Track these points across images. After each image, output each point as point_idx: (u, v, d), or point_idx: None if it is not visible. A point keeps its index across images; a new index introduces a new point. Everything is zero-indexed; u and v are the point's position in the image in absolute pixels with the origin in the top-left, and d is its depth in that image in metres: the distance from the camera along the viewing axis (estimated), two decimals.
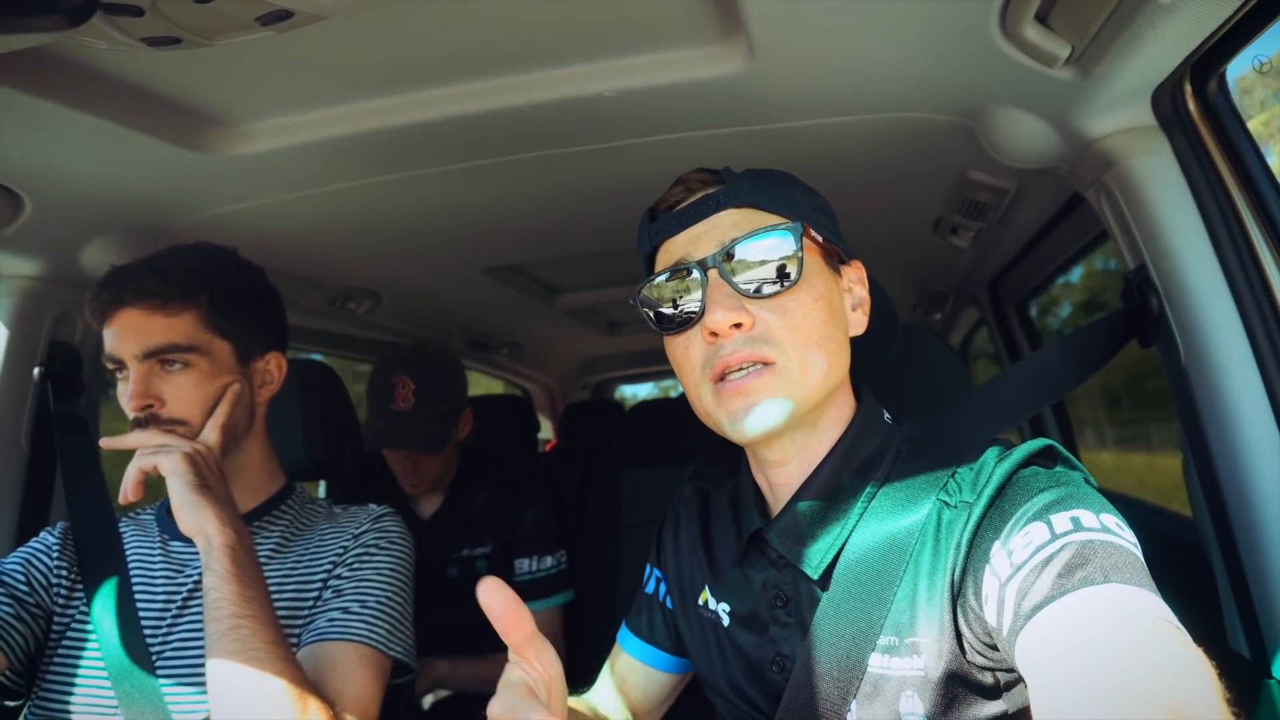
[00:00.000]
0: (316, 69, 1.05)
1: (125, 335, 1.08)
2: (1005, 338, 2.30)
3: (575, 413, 3.73)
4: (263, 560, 1.10)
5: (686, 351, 0.83)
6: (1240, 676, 0.99)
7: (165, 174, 1.24)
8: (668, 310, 0.84)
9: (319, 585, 1.12)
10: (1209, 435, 1.03)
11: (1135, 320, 1.12)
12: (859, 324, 0.90)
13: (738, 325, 0.79)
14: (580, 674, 1.07)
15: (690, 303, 0.82)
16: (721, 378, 0.80)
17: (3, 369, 1.39)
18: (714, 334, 0.79)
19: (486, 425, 2.59)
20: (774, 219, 0.83)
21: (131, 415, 1.07)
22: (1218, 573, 1.06)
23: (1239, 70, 0.96)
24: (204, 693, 0.99)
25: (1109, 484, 1.90)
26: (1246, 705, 0.96)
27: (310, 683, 0.96)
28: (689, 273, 0.82)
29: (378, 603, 1.09)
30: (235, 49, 0.86)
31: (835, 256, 0.89)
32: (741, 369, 0.79)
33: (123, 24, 0.77)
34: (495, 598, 0.64)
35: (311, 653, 1.04)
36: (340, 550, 1.15)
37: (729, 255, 0.80)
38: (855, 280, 0.91)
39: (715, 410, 0.81)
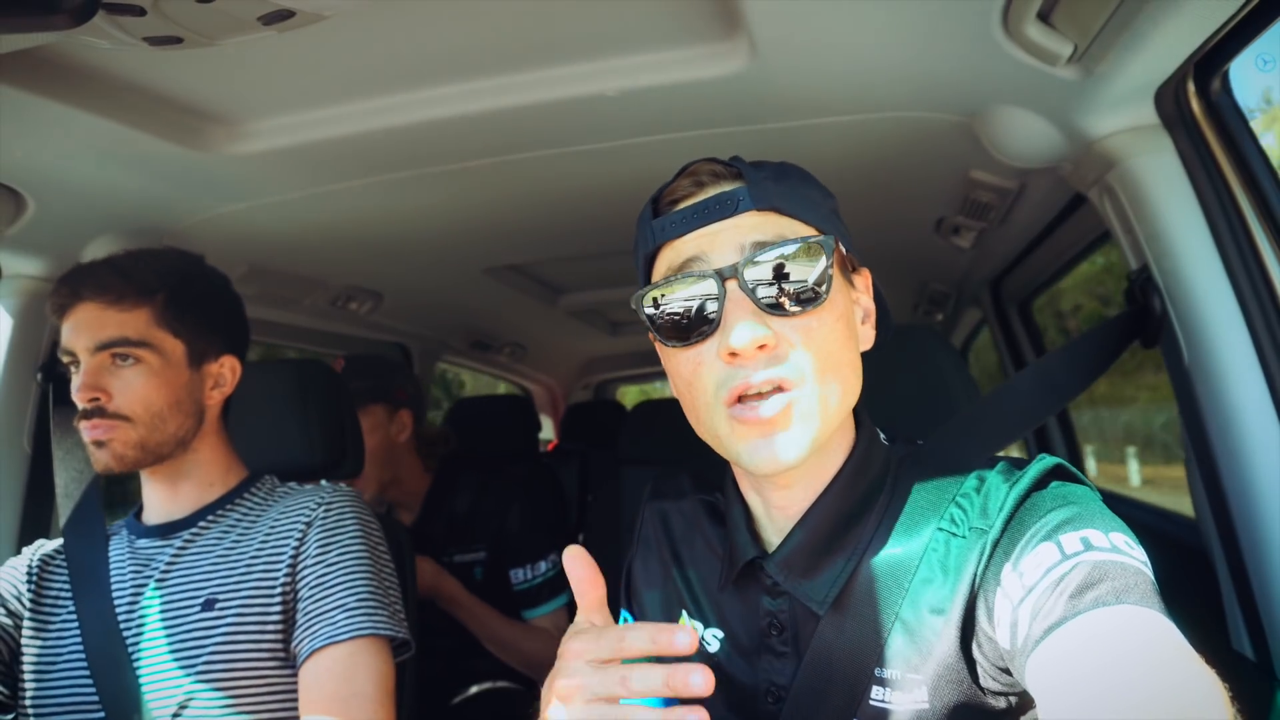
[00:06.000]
0: (319, 69, 1.05)
1: (80, 328, 1.11)
2: (1007, 338, 2.29)
3: (576, 413, 3.74)
4: (230, 545, 1.14)
5: (697, 370, 0.75)
6: (1244, 679, 0.98)
7: (167, 174, 1.24)
8: (675, 320, 0.75)
9: (287, 564, 1.12)
10: (1212, 436, 1.03)
11: (1138, 321, 1.12)
12: (868, 339, 0.83)
13: (762, 346, 0.71)
14: None
15: (703, 315, 0.73)
16: (739, 399, 0.73)
17: (5, 370, 1.39)
18: (734, 354, 0.71)
19: (487, 426, 2.59)
20: (802, 228, 0.76)
21: (80, 406, 1.10)
22: (1221, 575, 1.05)
23: (1242, 69, 0.95)
24: (175, 681, 1.05)
25: None
26: (1252, 710, 0.96)
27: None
28: (703, 280, 0.73)
29: (369, 591, 1.11)
30: (237, 49, 0.86)
31: (849, 266, 0.82)
32: (760, 394, 0.72)
33: (125, 23, 0.78)
34: (575, 565, 0.67)
35: (328, 656, 1.06)
36: (298, 539, 1.13)
37: (751, 264, 0.72)
38: (863, 289, 0.84)
39: (729, 439, 0.74)
